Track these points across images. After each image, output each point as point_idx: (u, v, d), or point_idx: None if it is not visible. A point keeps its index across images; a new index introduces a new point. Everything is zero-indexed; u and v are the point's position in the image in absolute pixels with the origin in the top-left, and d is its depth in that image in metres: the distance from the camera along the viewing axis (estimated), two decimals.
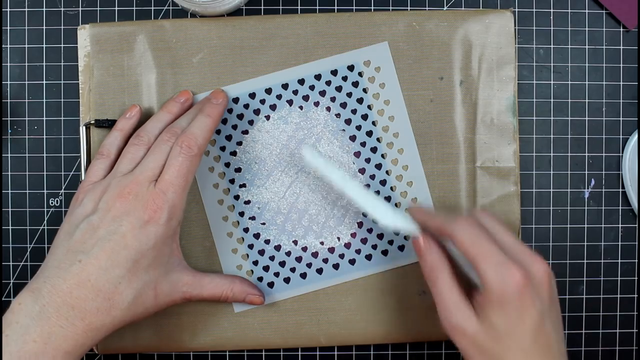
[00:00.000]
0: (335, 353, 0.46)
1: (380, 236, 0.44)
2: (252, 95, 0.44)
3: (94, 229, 0.36)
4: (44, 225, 0.46)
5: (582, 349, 0.47)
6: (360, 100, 0.44)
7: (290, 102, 0.44)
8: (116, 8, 0.46)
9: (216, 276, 0.42)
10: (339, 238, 0.44)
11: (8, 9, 0.46)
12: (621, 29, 0.47)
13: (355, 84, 0.44)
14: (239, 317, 0.44)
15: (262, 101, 0.44)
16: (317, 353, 0.46)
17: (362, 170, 0.44)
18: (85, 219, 0.37)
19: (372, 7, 0.46)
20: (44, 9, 0.46)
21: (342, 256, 0.44)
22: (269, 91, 0.44)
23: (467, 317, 0.35)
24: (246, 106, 0.44)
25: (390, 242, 0.44)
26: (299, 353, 0.46)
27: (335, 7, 0.46)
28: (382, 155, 0.44)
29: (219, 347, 0.45)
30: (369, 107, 0.44)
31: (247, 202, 0.44)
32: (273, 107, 0.44)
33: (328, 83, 0.44)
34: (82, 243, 0.36)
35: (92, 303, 0.35)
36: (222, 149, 0.44)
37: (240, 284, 0.42)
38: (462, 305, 0.35)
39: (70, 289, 0.35)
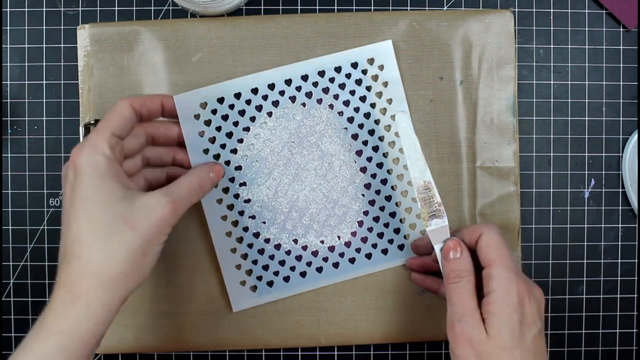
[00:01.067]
0: (335, 353, 0.46)
1: (381, 235, 0.44)
2: (255, 91, 0.43)
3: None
4: (44, 225, 0.46)
5: (582, 349, 0.46)
6: (363, 99, 0.44)
7: (293, 99, 0.44)
8: (116, 8, 0.46)
9: (181, 179, 0.38)
10: (339, 237, 0.44)
11: (8, 9, 0.46)
12: (621, 29, 0.47)
13: (359, 82, 0.44)
14: (239, 317, 0.44)
15: (265, 97, 0.43)
16: (317, 353, 0.46)
17: (363, 169, 0.44)
18: None
19: (372, 7, 0.46)
20: (44, 9, 0.46)
21: (342, 255, 0.44)
22: (271, 87, 0.43)
23: (478, 326, 0.35)
24: (248, 102, 0.43)
25: (390, 241, 0.44)
26: (299, 353, 0.46)
27: (335, 7, 0.46)
28: (384, 154, 0.44)
29: (219, 347, 0.45)
30: (372, 105, 0.44)
31: (247, 201, 0.44)
32: (275, 104, 0.44)
33: (331, 80, 0.44)
34: None
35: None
36: (223, 146, 0.43)
37: (201, 169, 0.40)
38: (476, 314, 0.35)
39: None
